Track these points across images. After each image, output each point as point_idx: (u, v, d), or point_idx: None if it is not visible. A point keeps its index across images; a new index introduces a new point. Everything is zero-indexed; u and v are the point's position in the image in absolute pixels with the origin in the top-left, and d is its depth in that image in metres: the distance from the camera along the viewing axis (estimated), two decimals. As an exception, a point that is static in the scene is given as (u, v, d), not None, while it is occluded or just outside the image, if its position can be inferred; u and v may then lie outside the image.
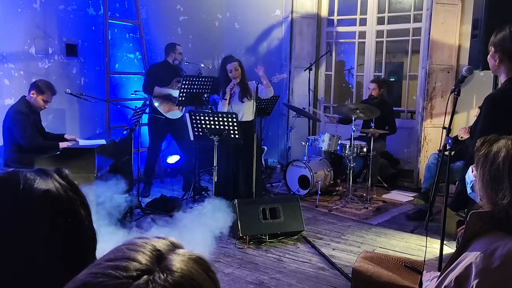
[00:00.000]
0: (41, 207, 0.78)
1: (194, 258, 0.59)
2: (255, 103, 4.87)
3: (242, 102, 4.81)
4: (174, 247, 0.60)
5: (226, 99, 4.77)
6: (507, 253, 1.35)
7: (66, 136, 4.50)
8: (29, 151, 4.09)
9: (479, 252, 1.39)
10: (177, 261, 0.57)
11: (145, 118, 5.46)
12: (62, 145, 4.20)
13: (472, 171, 1.68)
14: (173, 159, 6.13)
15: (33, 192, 0.79)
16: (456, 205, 3.75)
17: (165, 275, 0.54)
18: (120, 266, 0.54)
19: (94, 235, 0.85)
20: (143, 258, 0.55)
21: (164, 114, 5.30)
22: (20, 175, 0.80)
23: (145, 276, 0.53)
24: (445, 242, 2.79)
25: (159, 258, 0.57)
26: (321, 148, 5.47)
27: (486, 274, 1.35)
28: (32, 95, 4.20)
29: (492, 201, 1.45)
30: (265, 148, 6.51)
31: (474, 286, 1.35)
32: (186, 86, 5.06)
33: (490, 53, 2.56)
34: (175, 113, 5.41)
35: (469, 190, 1.75)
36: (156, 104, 5.31)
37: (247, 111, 4.87)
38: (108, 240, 0.86)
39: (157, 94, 5.31)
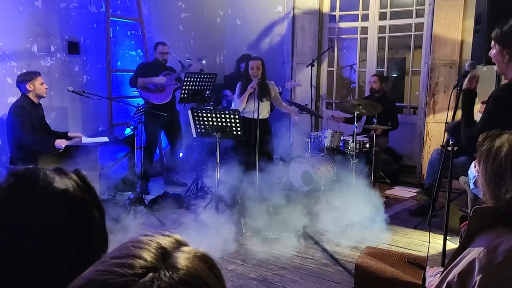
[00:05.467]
0: (58, 207, 0.78)
1: (199, 255, 0.59)
2: (270, 102, 4.99)
3: (262, 101, 4.73)
4: (179, 244, 0.60)
5: (244, 97, 4.76)
6: (511, 249, 1.35)
7: (69, 134, 4.49)
8: (27, 145, 4.10)
9: (483, 248, 1.39)
10: (182, 259, 0.57)
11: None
12: (59, 143, 4.15)
13: (475, 167, 1.68)
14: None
15: (52, 190, 0.78)
16: None
17: (170, 272, 0.54)
18: (126, 263, 0.54)
19: (106, 238, 0.84)
20: (148, 255, 0.56)
21: (158, 103, 5.28)
22: (40, 172, 0.80)
23: (150, 274, 0.54)
24: (448, 237, 2.79)
25: (165, 256, 0.57)
26: (324, 144, 5.45)
27: (489, 269, 1.35)
28: (29, 88, 4.22)
29: (495, 196, 1.45)
30: None
31: (477, 282, 1.35)
32: (188, 83, 5.06)
33: (497, 49, 2.34)
34: (166, 96, 5.39)
35: (472, 186, 1.75)
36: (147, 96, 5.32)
37: (264, 109, 4.86)
38: (111, 238, 0.85)
39: (141, 86, 5.31)
